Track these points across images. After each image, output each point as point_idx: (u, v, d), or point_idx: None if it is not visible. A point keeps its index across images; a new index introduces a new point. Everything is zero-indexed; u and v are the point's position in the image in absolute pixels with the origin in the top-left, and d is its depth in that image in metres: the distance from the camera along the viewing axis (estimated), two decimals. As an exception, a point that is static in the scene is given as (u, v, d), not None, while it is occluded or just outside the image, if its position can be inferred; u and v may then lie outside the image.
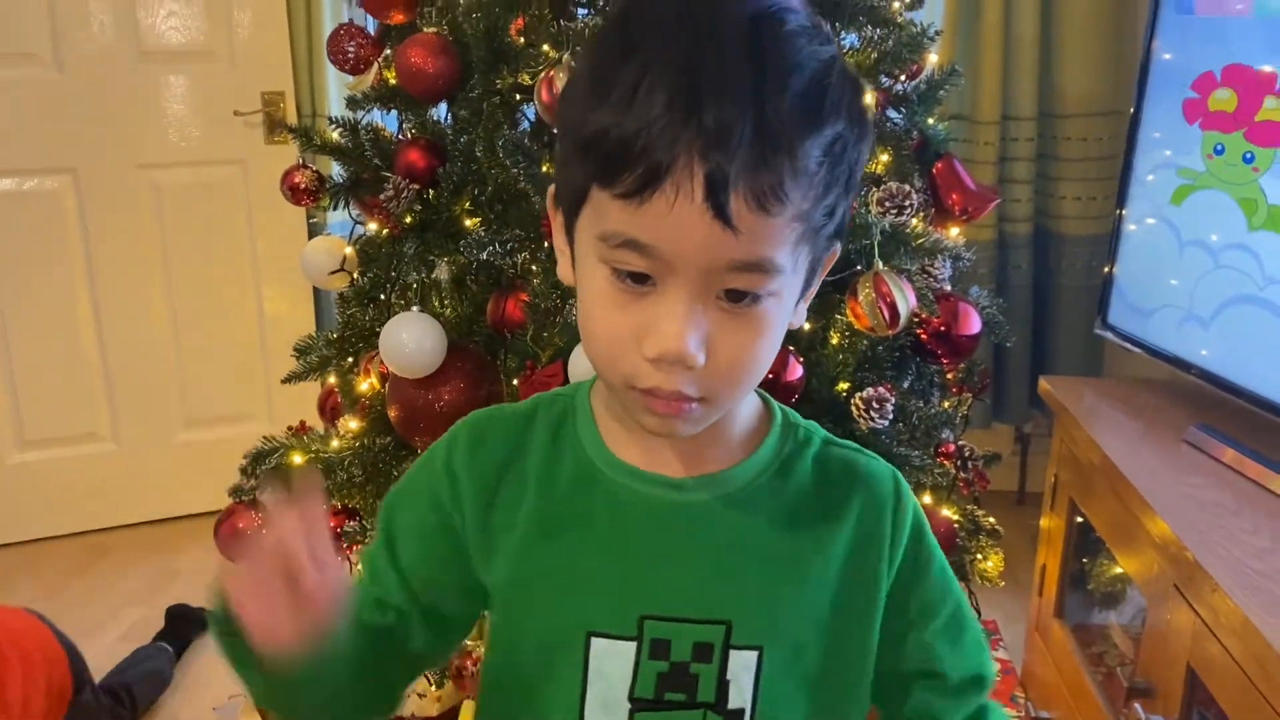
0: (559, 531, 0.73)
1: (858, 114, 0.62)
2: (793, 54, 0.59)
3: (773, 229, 0.59)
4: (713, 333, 0.61)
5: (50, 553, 2.69)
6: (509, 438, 0.76)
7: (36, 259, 2.62)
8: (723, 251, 0.58)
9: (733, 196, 0.56)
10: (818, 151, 0.59)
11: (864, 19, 1.56)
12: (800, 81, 0.58)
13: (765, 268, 0.60)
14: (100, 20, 2.55)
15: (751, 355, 0.64)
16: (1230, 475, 1.50)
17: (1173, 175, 1.72)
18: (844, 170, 0.61)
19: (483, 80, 1.53)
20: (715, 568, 0.72)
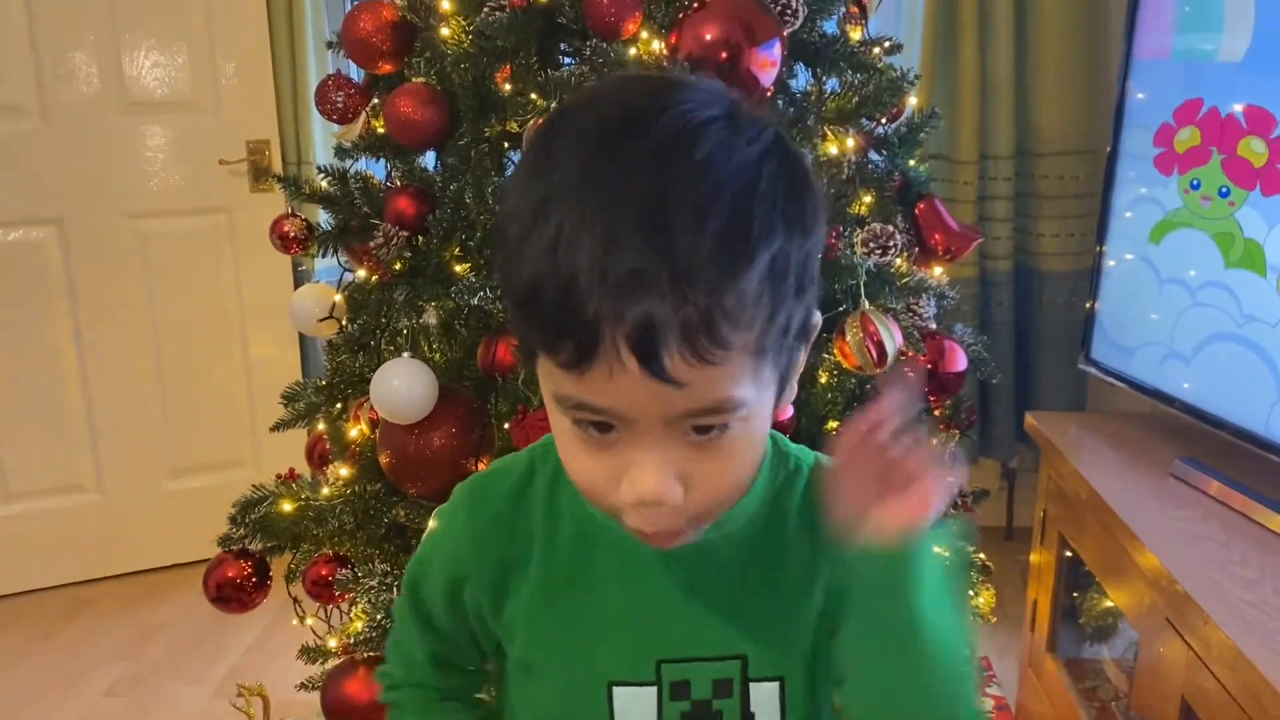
0: (566, 592, 0.74)
1: (798, 213, 0.58)
2: (708, 179, 0.55)
3: (719, 373, 0.57)
4: (687, 467, 0.61)
5: (34, 605, 2.66)
6: (507, 506, 0.76)
7: (22, 309, 2.61)
8: (676, 404, 0.57)
9: (666, 357, 0.54)
10: (753, 284, 0.55)
11: (845, 64, 1.59)
12: (719, 216, 0.54)
13: (724, 408, 0.59)
14: (86, 71, 2.57)
15: (732, 479, 0.64)
16: (1216, 507, 1.51)
17: (1151, 213, 1.75)
18: (791, 282, 0.58)
19: (471, 128, 1.55)
20: (724, 604, 0.73)
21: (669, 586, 0.73)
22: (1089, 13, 2.52)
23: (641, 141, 0.56)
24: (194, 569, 2.68)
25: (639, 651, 0.73)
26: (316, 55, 2.67)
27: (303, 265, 2.68)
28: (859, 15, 1.71)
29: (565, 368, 0.57)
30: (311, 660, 1.75)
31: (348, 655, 1.56)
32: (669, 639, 0.73)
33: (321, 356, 2.66)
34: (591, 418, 0.60)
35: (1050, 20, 2.51)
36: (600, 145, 0.57)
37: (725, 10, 1.41)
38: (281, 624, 2.37)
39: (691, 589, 0.73)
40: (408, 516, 1.63)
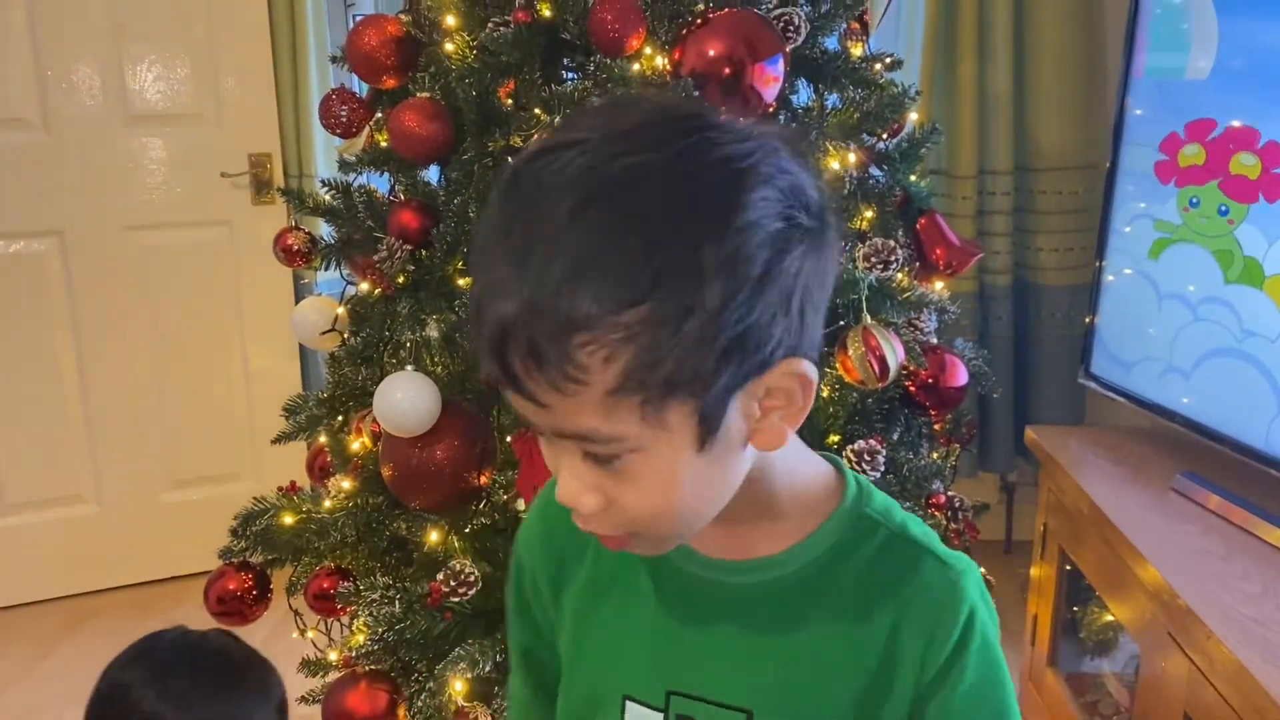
0: (606, 594, 0.75)
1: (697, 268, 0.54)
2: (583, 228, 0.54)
3: (581, 405, 0.56)
4: (601, 484, 0.61)
5: (35, 617, 2.65)
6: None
7: (22, 321, 2.61)
8: (547, 422, 0.59)
9: (525, 381, 0.56)
10: (592, 345, 0.55)
11: (846, 80, 1.60)
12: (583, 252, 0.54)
13: (592, 437, 0.58)
14: (88, 84, 2.58)
15: (652, 505, 0.61)
16: (1217, 522, 1.52)
17: (1150, 229, 1.76)
18: (684, 337, 0.55)
19: (475, 143, 1.56)
20: (745, 655, 0.71)
21: (697, 619, 0.72)
22: (1087, 29, 2.54)
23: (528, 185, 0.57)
24: (193, 581, 2.67)
25: (654, 675, 0.72)
26: (318, 68, 2.68)
27: (304, 278, 2.68)
28: (860, 32, 1.73)
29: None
30: (312, 673, 1.75)
31: (349, 668, 1.56)
32: (684, 672, 0.72)
33: (322, 369, 2.67)
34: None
35: (1048, 37, 2.53)
36: (503, 185, 0.59)
37: (728, 26, 1.42)
38: (280, 637, 2.35)
39: (716, 629, 0.71)
40: (409, 530, 1.63)
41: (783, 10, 1.51)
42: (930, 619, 0.68)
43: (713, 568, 0.71)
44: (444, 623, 1.49)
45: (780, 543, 0.70)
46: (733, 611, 0.71)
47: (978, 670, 0.69)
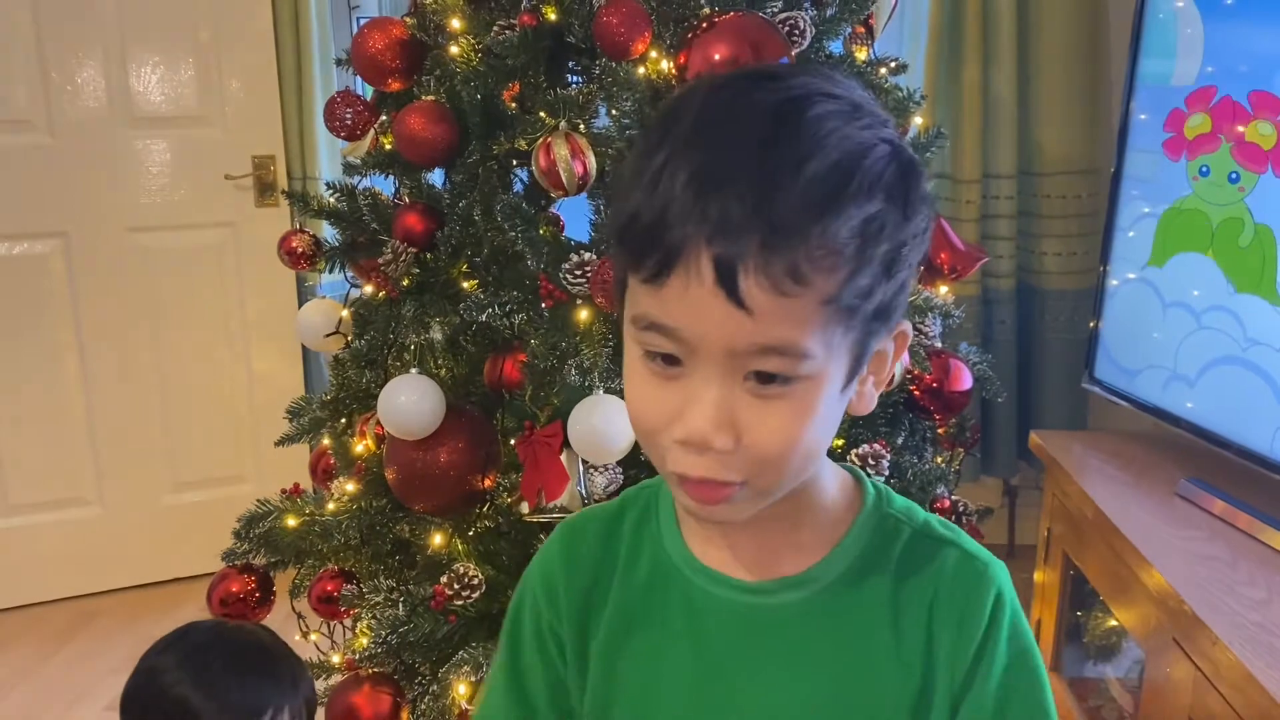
0: (637, 632, 0.73)
1: (902, 195, 0.59)
2: (815, 137, 0.58)
3: (792, 311, 0.57)
4: (744, 416, 0.60)
5: (37, 618, 2.65)
6: (600, 541, 0.76)
7: (26, 323, 2.61)
8: (742, 335, 0.58)
9: (743, 280, 0.56)
10: (843, 233, 0.57)
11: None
12: (820, 165, 0.57)
13: (789, 351, 0.58)
14: (93, 86, 2.58)
15: (786, 439, 0.61)
16: (1222, 527, 1.52)
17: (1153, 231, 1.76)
18: (882, 252, 0.58)
19: (480, 146, 1.56)
20: (791, 676, 0.69)
21: (734, 648, 0.70)
22: (1091, 34, 2.54)
23: (755, 96, 0.60)
24: (196, 583, 2.68)
25: (697, 709, 0.71)
26: (322, 71, 2.68)
27: (307, 281, 2.68)
28: (865, 36, 1.73)
29: (647, 282, 0.59)
30: (316, 676, 1.75)
31: (352, 671, 1.56)
32: (728, 703, 0.70)
33: (324, 372, 2.67)
34: (660, 343, 0.60)
35: (1052, 41, 2.53)
36: (715, 95, 0.61)
37: (734, 30, 1.42)
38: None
39: (759, 653, 0.70)
40: (412, 532, 1.63)
41: (788, 14, 1.51)
42: (958, 607, 0.68)
43: (745, 590, 0.70)
44: (447, 625, 1.49)
45: (810, 555, 0.70)
46: (776, 632, 0.69)
47: (1009, 654, 0.68)
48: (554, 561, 0.77)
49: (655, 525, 0.75)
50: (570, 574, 0.76)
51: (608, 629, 0.74)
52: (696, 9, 1.49)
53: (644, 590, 0.73)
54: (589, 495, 1.45)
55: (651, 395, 0.62)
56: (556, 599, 0.76)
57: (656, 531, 0.74)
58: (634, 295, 0.62)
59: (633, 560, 0.74)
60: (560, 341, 1.46)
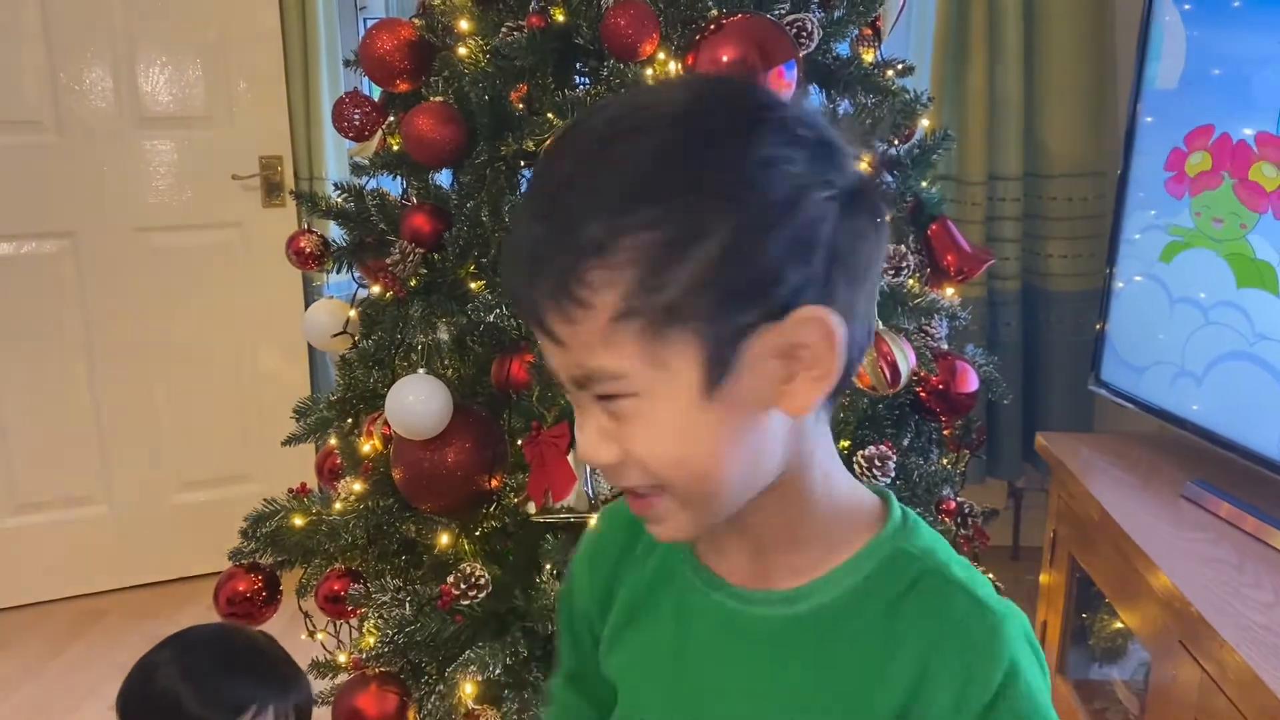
0: (636, 621, 0.75)
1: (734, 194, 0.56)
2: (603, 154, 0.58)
3: (589, 336, 0.57)
4: (617, 433, 0.61)
5: (46, 617, 2.66)
6: (623, 531, 0.77)
7: (34, 322, 2.62)
8: (562, 364, 0.61)
9: (545, 312, 0.58)
10: (618, 254, 0.55)
11: (858, 87, 1.60)
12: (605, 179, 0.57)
13: (598, 375, 0.59)
14: (101, 86, 2.59)
15: (653, 450, 0.60)
16: (1229, 530, 1.52)
17: (1162, 233, 1.76)
18: (689, 259, 0.55)
19: (487, 147, 1.56)
20: (764, 689, 0.68)
21: (717, 651, 0.70)
22: (1097, 36, 2.54)
23: (561, 143, 0.62)
24: (203, 582, 2.69)
25: (675, 703, 0.71)
26: (329, 71, 2.69)
27: (314, 281, 2.69)
28: (872, 37, 1.73)
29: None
30: (322, 675, 1.76)
31: (359, 670, 1.56)
32: (703, 703, 0.70)
33: (330, 371, 2.68)
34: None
35: (1059, 43, 2.53)
36: (554, 141, 0.64)
37: (741, 32, 1.42)
38: (288, 638, 2.36)
39: (738, 659, 0.69)
40: (419, 532, 1.64)
41: (796, 16, 1.51)
42: (965, 664, 0.62)
43: (736, 596, 0.69)
44: (454, 625, 1.49)
45: (805, 573, 0.67)
46: (756, 643, 0.68)
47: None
48: (588, 542, 0.81)
49: None
50: (595, 557, 0.79)
51: (615, 616, 0.76)
52: (704, 11, 1.49)
53: (648, 583, 0.74)
54: (596, 495, 1.45)
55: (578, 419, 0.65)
56: (582, 578, 0.79)
57: None
58: None
59: (648, 551, 0.75)
60: (567, 342, 1.46)
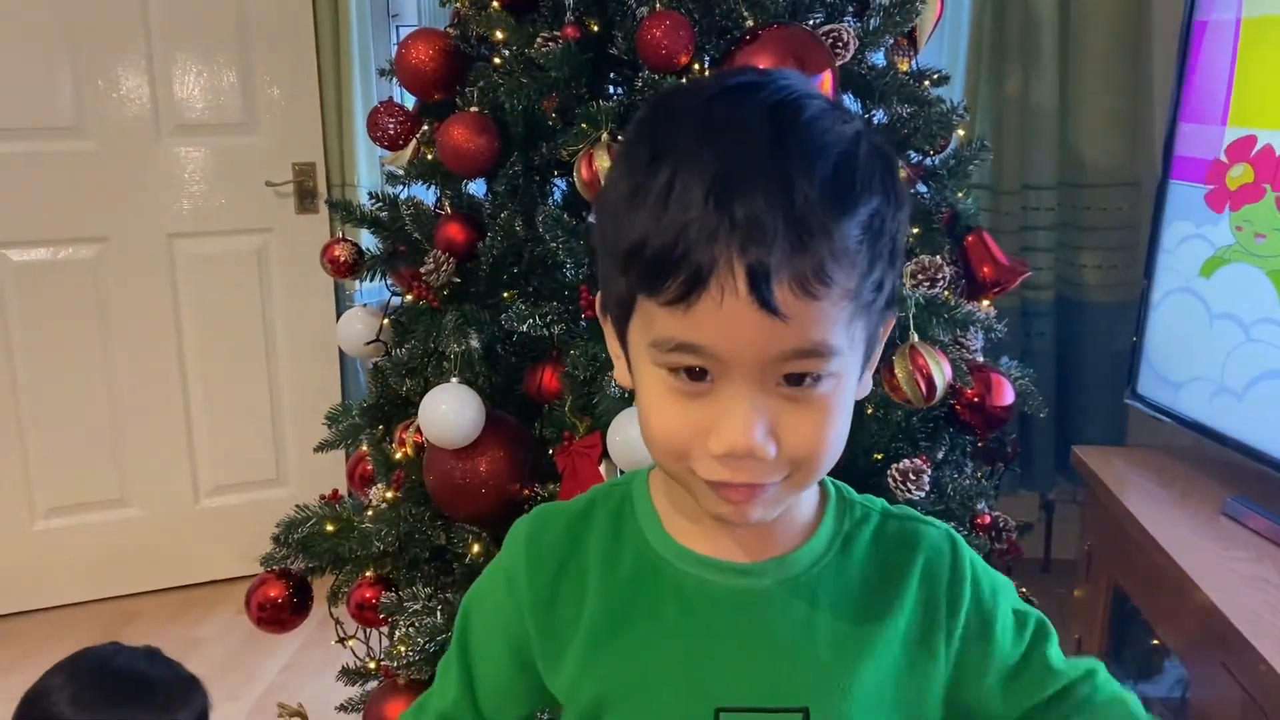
0: (626, 626, 0.73)
1: (891, 186, 0.62)
2: (816, 138, 0.60)
3: (821, 312, 0.59)
4: (777, 420, 0.61)
5: (77, 619, 2.69)
6: (564, 536, 0.76)
7: (68, 327, 2.65)
8: (776, 342, 0.59)
9: (776, 287, 0.57)
10: (855, 230, 0.59)
11: (895, 97, 1.59)
12: (826, 165, 0.59)
13: (821, 352, 0.60)
14: (136, 94, 2.62)
15: (821, 438, 0.63)
16: (1271, 548, 1.49)
17: (1201, 246, 1.74)
18: (886, 243, 0.61)
19: (521, 156, 1.57)
20: (787, 654, 0.71)
21: (731, 631, 0.71)
22: (1133, 45, 2.51)
23: (753, 101, 0.61)
24: (233, 585, 2.71)
25: (698, 696, 0.71)
26: (362, 79, 2.70)
27: (346, 288, 2.70)
28: (907, 46, 1.72)
29: (671, 304, 0.59)
30: (351, 681, 1.76)
31: (389, 678, 1.57)
32: (729, 687, 0.71)
33: (362, 378, 2.69)
34: (688, 360, 0.61)
35: (1094, 51, 2.50)
36: (713, 104, 0.62)
37: (778, 42, 1.42)
38: (316, 643, 2.38)
39: (753, 635, 0.71)
40: (450, 540, 1.64)
41: (831, 26, 1.50)
42: (942, 574, 0.73)
43: (736, 571, 0.71)
44: (485, 635, 1.49)
45: (792, 540, 0.73)
46: (771, 612, 0.71)
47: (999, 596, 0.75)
48: (516, 557, 0.77)
49: (634, 522, 0.75)
50: (532, 568, 0.76)
51: (589, 628, 0.73)
52: (739, 21, 1.49)
53: (629, 587, 0.73)
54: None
55: (678, 413, 0.63)
56: (517, 592, 0.76)
57: (636, 528, 0.75)
58: (649, 318, 0.62)
59: (614, 558, 0.74)
60: (599, 352, 1.46)
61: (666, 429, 0.63)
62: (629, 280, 0.61)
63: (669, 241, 0.57)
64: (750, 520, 0.66)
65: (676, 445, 0.63)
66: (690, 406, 0.62)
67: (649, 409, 0.65)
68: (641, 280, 0.60)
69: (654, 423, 0.64)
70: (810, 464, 0.64)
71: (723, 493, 0.63)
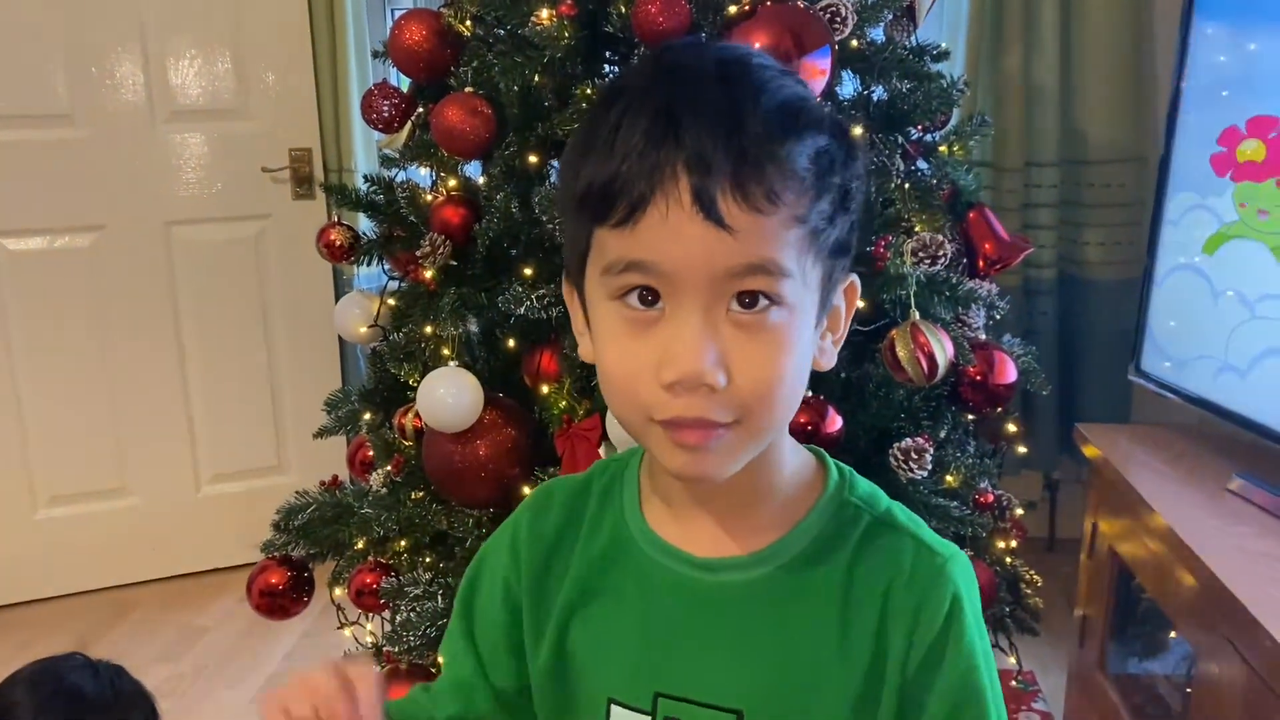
0: (592, 600, 0.74)
1: (842, 138, 0.64)
2: (762, 81, 0.62)
3: (768, 228, 0.59)
4: (729, 351, 0.60)
5: (78, 608, 2.68)
6: (562, 511, 0.77)
7: (66, 315, 2.64)
8: (723, 256, 0.59)
9: (720, 199, 0.58)
10: (803, 158, 0.60)
11: (894, 72, 1.58)
12: (772, 99, 0.61)
13: (769, 269, 0.60)
14: (131, 81, 2.60)
15: (774, 371, 0.61)
16: (1276, 525, 1.48)
17: (1205, 222, 1.72)
18: (836, 182, 0.62)
19: (517, 137, 1.55)
20: (733, 655, 0.69)
21: (683, 620, 0.70)
22: (1135, 19, 2.48)
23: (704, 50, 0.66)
24: (234, 573, 2.70)
25: (640, 678, 0.71)
26: (357, 63, 2.68)
27: (344, 273, 2.69)
28: (907, 22, 1.70)
29: (620, 225, 0.60)
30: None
31: (392, 663, 1.56)
32: (672, 674, 0.70)
33: (361, 364, 2.68)
34: (637, 279, 0.61)
35: (1096, 26, 2.48)
36: (664, 52, 0.65)
37: (775, 18, 1.40)
38: (319, 629, 2.37)
39: (704, 629, 0.70)
40: (451, 524, 1.63)
41: (829, 1, 1.48)
42: (913, 604, 0.67)
43: (698, 565, 0.70)
44: (487, 619, 1.49)
45: (764, 536, 0.70)
46: (722, 611, 0.70)
47: (960, 663, 0.67)
48: (521, 526, 0.78)
49: (619, 499, 0.75)
50: (533, 538, 0.76)
51: (565, 598, 0.74)
52: (736, -3, 1.47)
53: (601, 561, 0.74)
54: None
55: (631, 347, 0.62)
56: (519, 560, 0.76)
57: (619, 505, 0.75)
58: (602, 249, 0.62)
59: (594, 531, 0.75)
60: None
61: (620, 365, 0.63)
62: (582, 219, 0.62)
63: (616, 168, 0.59)
64: (707, 473, 0.64)
65: (630, 384, 0.62)
66: (643, 339, 0.62)
67: (604, 351, 0.64)
68: (593, 212, 0.61)
69: (609, 364, 0.64)
70: (761, 403, 0.62)
71: (676, 436, 0.62)
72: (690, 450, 0.62)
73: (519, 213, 1.53)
